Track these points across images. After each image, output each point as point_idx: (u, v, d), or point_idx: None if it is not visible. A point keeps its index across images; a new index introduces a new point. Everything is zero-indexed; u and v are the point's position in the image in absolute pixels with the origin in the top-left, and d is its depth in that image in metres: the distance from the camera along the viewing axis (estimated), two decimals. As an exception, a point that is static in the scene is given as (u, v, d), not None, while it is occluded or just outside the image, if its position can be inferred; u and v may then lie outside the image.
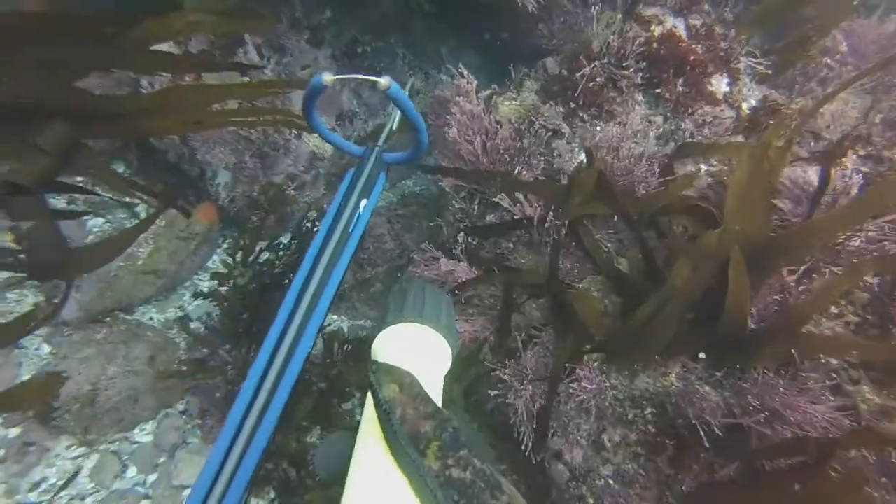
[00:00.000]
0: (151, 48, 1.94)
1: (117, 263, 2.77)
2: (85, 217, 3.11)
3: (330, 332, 2.98)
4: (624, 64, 2.17)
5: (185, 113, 2.09)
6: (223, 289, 2.66)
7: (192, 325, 2.87)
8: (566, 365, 1.89)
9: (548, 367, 1.95)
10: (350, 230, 1.28)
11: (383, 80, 1.22)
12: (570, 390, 1.87)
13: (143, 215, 3.18)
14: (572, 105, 2.24)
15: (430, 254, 2.33)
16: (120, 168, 3.29)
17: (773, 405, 1.58)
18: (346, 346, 2.72)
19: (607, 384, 1.85)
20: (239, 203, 2.89)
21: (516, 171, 2.17)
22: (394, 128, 1.65)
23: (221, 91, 2.32)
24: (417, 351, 0.96)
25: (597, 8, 2.50)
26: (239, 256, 2.67)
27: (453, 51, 3.74)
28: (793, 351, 1.59)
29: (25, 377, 2.58)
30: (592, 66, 2.20)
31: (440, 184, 2.50)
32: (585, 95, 2.21)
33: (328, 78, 1.21)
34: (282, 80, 2.83)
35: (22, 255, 2.85)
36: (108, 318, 2.76)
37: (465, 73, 2.42)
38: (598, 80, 2.19)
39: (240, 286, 2.63)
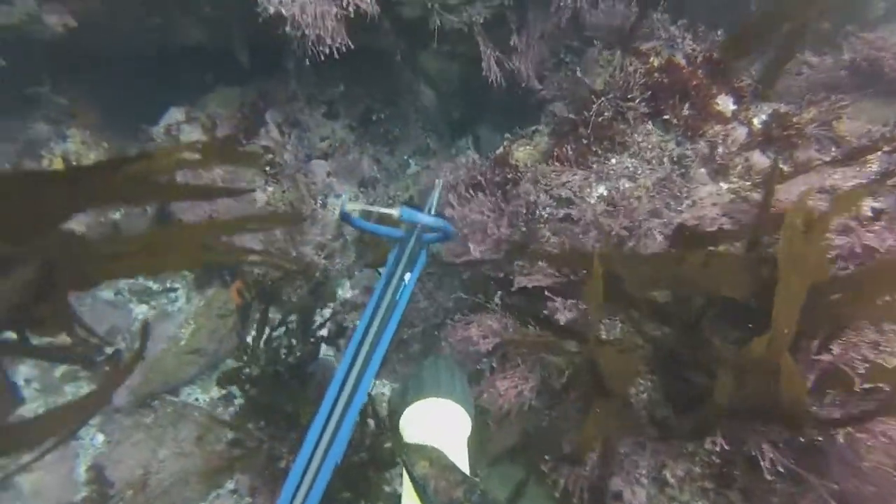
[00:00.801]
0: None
1: (161, 346, 2.86)
2: (131, 305, 3.25)
3: (372, 397, 2.98)
4: (629, 96, 2.22)
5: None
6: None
7: (237, 402, 2.91)
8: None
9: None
10: (397, 299, 1.53)
11: (395, 212, 1.52)
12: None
13: (182, 301, 3.31)
14: (584, 141, 2.27)
15: (463, 321, 2.34)
16: (159, 257, 3.46)
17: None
18: (388, 414, 2.69)
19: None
20: (273, 276, 2.97)
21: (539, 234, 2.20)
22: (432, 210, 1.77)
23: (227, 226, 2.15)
24: (440, 423, 1.08)
25: (595, 51, 2.58)
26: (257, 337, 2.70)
27: (464, 115, 3.89)
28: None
29: (83, 468, 2.65)
30: (599, 101, 2.25)
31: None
32: (596, 130, 2.25)
33: (347, 206, 1.61)
34: (285, 214, 2.90)
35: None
36: (155, 402, 2.83)
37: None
38: (605, 114, 2.23)
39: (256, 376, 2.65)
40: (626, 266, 1.81)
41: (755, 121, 2.15)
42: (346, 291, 3.35)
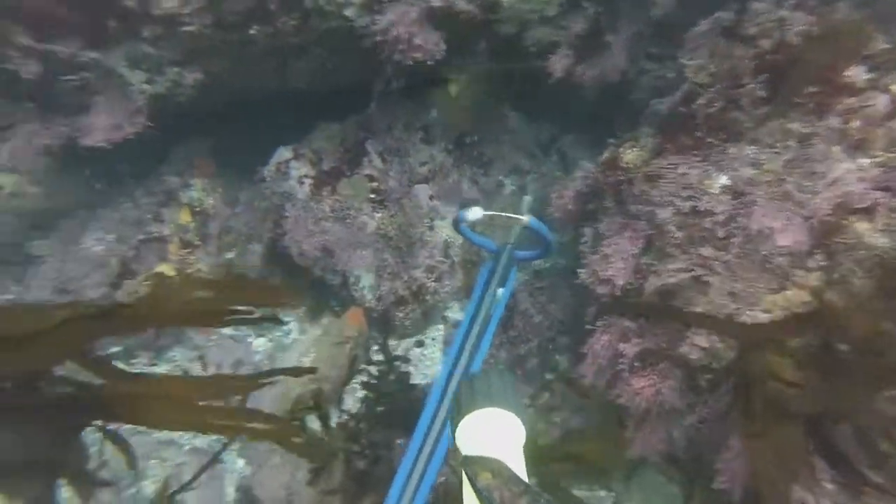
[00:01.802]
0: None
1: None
2: (249, 339, 3.40)
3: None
4: (741, 83, 2.15)
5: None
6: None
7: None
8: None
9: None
10: (490, 314, 1.65)
11: (524, 218, 1.70)
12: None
13: (294, 333, 3.43)
14: (698, 134, 2.22)
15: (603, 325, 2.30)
16: (271, 293, 3.62)
17: None
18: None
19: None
20: (386, 301, 3.03)
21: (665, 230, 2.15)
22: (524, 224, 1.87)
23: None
24: (496, 433, 1.10)
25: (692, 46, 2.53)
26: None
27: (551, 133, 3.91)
28: None
29: (231, 488, 2.80)
30: (707, 93, 2.21)
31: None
32: (708, 122, 2.20)
33: (477, 213, 1.73)
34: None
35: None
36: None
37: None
38: (716, 105, 2.18)
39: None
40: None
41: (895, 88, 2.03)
42: (455, 313, 3.37)
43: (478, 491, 0.94)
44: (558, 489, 2.51)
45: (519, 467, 1.05)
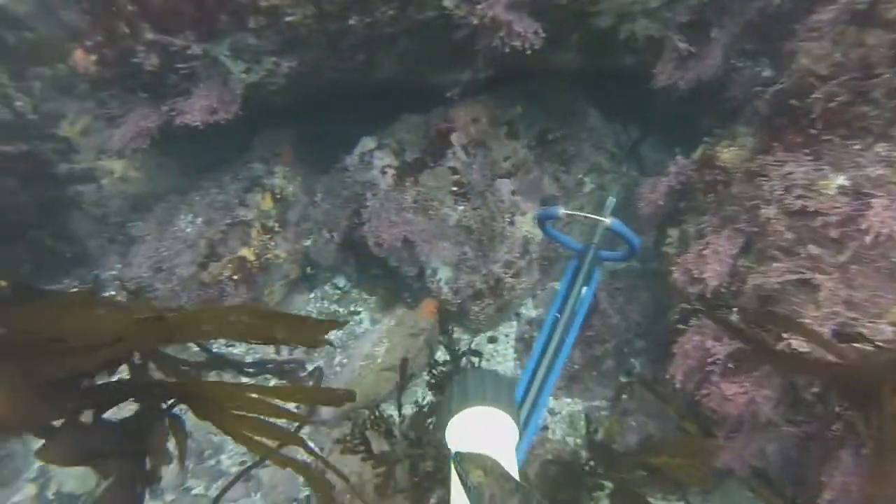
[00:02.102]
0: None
1: (359, 363, 2.99)
2: (324, 328, 3.45)
3: (569, 414, 2.89)
4: (875, 72, 2.02)
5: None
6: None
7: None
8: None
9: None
10: (575, 312, 1.64)
11: (607, 220, 1.65)
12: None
13: (366, 323, 3.46)
14: (812, 131, 2.10)
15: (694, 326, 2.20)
16: (341, 282, 3.67)
17: None
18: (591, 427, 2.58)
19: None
20: (463, 294, 3.01)
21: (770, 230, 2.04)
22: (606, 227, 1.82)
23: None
24: (488, 431, 1.07)
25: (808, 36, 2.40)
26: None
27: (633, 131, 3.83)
28: None
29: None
30: (828, 85, 2.08)
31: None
32: (826, 118, 2.07)
33: (561, 212, 1.75)
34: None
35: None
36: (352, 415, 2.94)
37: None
38: (839, 98, 2.05)
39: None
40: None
41: None
42: (529, 310, 3.33)
43: (468, 488, 0.93)
44: (635, 496, 2.43)
45: (511, 467, 1.03)
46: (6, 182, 2.91)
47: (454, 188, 2.99)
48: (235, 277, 3.16)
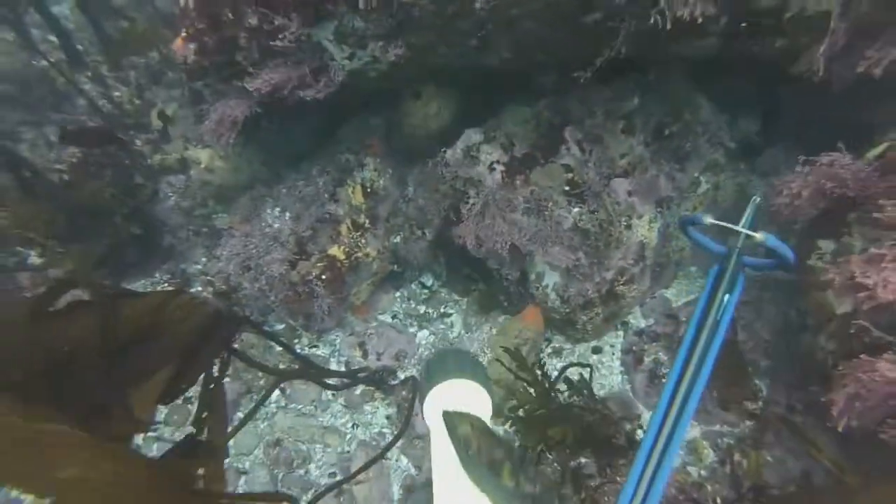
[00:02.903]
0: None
1: (461, 374, 2.80)
2: (412, 330, 3.27)
3: (687, 441, 2.65)
4: None
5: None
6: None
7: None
8: None
9: None
10: (718, 320, 1.49)
11: (759, 236, 1.49)
12: None
13: (458, 327, 3.26)
14: None
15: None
16: (429, 281, 3.47)
17: None
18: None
19: None
20: (573, 303, 2.78)
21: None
22: (749, 231, 1.65)
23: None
24: (466, 401, 1.11)
25: None
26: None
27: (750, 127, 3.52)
28: None
29: (396, 486, 2.73)
30: None
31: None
32: None
33: (708, 220, 1.62)
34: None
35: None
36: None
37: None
38: None
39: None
40: None
41: None
42: (638, 320, 3.08)
43: (456, 438, 0.99)
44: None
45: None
46: (100, 173, 2.78)
47: (567, 188, 2.74)
48: (325, 277, 2.98)
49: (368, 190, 3.17)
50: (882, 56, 2.19)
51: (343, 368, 3.11)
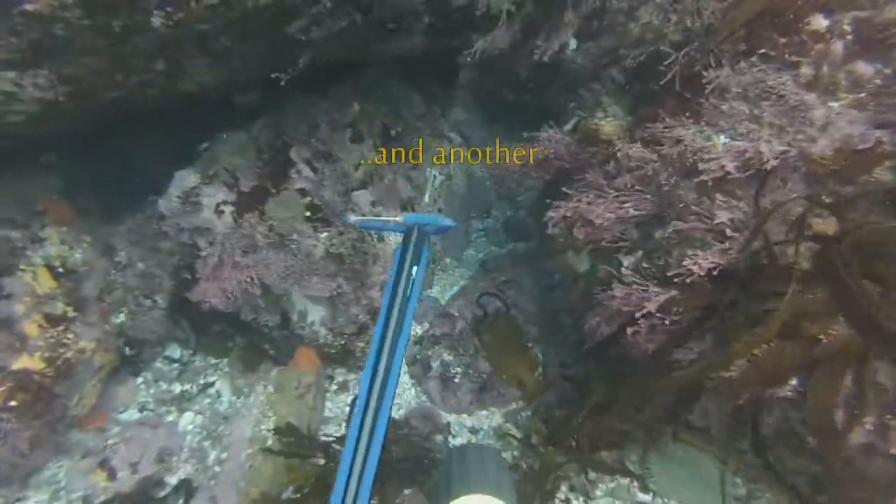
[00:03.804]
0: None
1: (245, 452, 2.37)
2: (171, 418, 2.70)
3: (493, 429, 2.68)
4: (718, 38, 2.12)
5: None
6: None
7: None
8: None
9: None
10: (409, 293, 1.53)
11: (399, 218, 1.54)
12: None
13: (226, 395, 2.80)
14: (687, 95, 2.15)
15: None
16: (176, 353, 2.93)
17: None
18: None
19: None
20: (346, 332, 2.57)
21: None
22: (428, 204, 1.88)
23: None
24: None
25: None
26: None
27: (471, 115, 3.71)
28: None
29: None
30: (684, 52, 2.14)
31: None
32: (693, 81, 2.13)
33: (352, 219, 1.59)
34: None
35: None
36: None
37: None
38: (698, 63, 2.12)
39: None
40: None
41: (847, 29, 2.12)
42: (413, 328, 3.01)
43: None
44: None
45: None
46: None
47: (308, 213, 2.49)
48: (15, 404, 2.23)
49: (60, 270, 2.46)
50: (547, 47, 2.43)
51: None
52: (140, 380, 2.83)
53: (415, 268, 1.62)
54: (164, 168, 2.57)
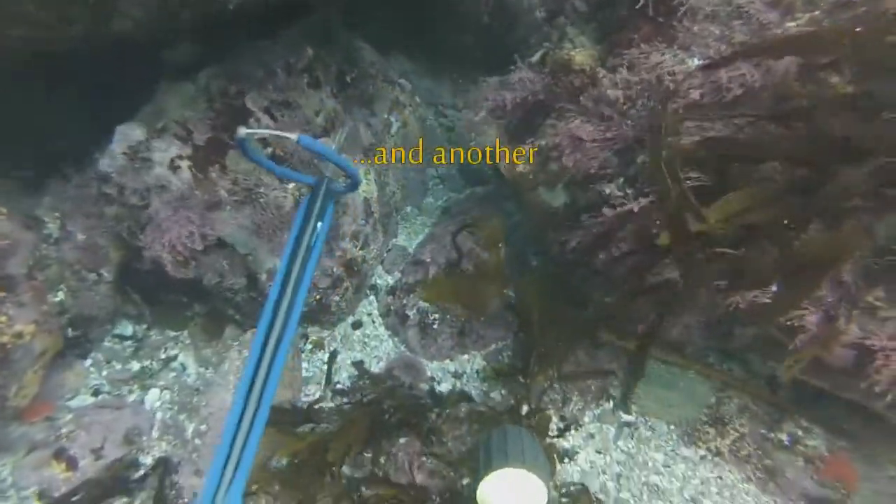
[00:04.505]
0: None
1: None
2: (134, 397, 2.49)
3: (477, 371, 2.69)
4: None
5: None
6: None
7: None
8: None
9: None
10: (312, 246, 1.60)
11: (293, 136, 1.46)
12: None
13: (192, 368, 2.61)
14: (660, 20, 2.16)
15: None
16: (128, 330, 2.69)
17: None
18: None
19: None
20: (321, 287, 2.46)
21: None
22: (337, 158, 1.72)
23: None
24: (521, 494, 1.17)
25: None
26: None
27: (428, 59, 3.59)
28: None
29: None
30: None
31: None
32: (660, 5, 2.15)
33: (242, 131, 1.45)
34: None
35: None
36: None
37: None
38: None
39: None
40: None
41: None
42: (384, 278, 2.93)
43: None
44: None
45: None
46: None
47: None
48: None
49: (-19, 245, 2.16)
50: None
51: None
52: (89, 362, 2.58)
53: (319, 223, 1.71)
54: (83, 129, 2.30)
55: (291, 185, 2.32)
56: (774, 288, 2.01)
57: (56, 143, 2.53)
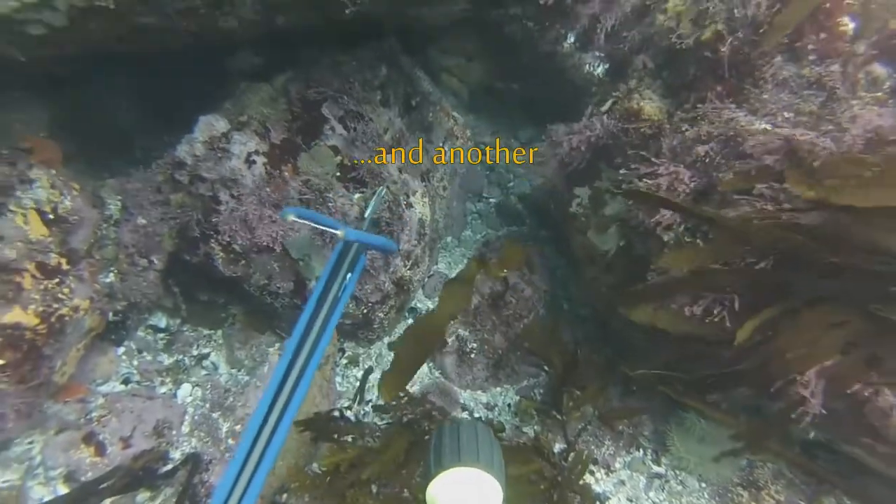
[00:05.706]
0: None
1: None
2: (165, 389, 2.44)
3: (508, 405, 2.66)
4: (760, 31, 2.24)
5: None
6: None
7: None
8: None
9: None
10: (339, 296, 1.62)
11: (339, 232, 1.55)
12: None
13: (223, 367, 2.58)
14: (733, 80, 2.25)
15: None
16: (162, 322, 2.67)
17: None
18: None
19: None
20: (370, 301, 2.45)
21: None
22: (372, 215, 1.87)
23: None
24: (473, 496, 1.07)
25: None
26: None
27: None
28: None
29: None
30: (731, 39, 2.24)
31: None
32: (735, 68, 2.24)
33: (290, 217, 1.49)
34: None
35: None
36: None
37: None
38: (744, 50, 2.23)
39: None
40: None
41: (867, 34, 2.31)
42: (424, 302, 2.93)
43: None
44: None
45: None
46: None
47: (339, 172, 2.36)
48: (5, 362, 1.93)
49: (51, 216, 2.16)
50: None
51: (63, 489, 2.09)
52: (121, 350, 2.54)
53: (349, 274, 1.72)
54: (150, 119, 2.36)
55: (356, 196, 2.35)
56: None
57: (125, 129, 2.59)
